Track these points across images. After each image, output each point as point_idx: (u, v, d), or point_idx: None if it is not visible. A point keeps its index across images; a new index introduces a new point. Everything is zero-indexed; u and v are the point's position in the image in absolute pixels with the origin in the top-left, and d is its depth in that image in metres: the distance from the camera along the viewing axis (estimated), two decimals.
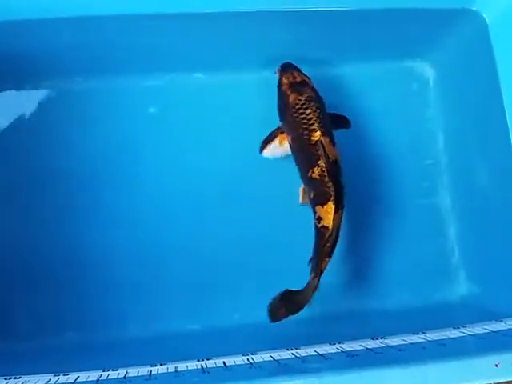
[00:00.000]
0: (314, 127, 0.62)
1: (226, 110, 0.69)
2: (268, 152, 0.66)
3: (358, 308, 0.66)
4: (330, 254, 0.60)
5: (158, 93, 0.69)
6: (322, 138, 0.61)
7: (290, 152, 0.65)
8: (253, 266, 0.66)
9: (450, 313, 0.67)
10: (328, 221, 0.59)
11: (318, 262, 0.59)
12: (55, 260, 0.64)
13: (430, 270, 0.68)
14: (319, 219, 0.60)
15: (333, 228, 0.59)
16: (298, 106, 0.63)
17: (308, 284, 0.59)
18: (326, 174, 0.60)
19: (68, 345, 0.62)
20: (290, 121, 0.64)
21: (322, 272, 0.59)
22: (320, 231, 0.60)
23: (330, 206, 0.60)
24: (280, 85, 0.65)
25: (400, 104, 0.72)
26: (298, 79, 0.65)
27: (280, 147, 0.65)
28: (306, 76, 0.66)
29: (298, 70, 0.66)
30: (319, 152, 0.61)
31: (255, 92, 0.69)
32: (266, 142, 0.66)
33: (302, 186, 0.64)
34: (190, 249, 0.66)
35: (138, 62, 0.67)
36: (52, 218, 0.65)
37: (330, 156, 0.61)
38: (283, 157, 0.66)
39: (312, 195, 0.62)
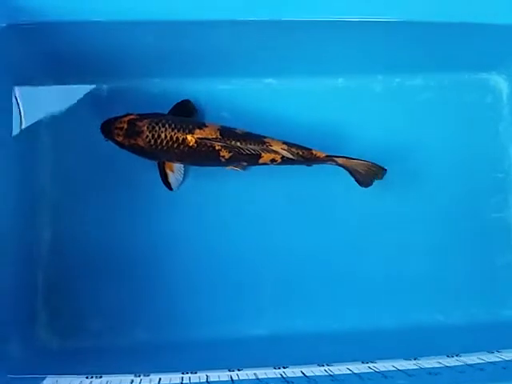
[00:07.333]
0: (181, 138, 0.61)
1: (297, 115, 0.69)
2: (174, 184, 0.65)
3: (423, 320, 0.66)
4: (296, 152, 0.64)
5: (231, 97, 0.69)
6: (196, 137, 0.62)
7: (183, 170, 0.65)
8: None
9: None
10: (273, 156, 0.63)
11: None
12: (127, 261, 0.65)
13: (498, 284, 0.68)
14: (273, 161, 0.64)
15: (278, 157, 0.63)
16: (152, 142, 0.61)
17: None
18: (233, 145, 0.62)
19: (140, 345, 0.63)
20: (163, 154, 0.63)
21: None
22: (290, 160, 0.64)
23: (267, 150, 0.63)
24: (121, 145, 0.63)
25: (473, 116, 0.71)
26: (125, 126, 0.62)
27: (174, 173, 0.65)
28: (124, 115, 0.63)
29: (114, 120, 0.62)
30: (208, 143, 0.62)
31: (327, 98, 0.69)
32: (165, 181, 0.65)
33: (229, 167, 0.65)
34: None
35: (212, 66, 0.68)
36: (126, 219, 0.66)
37: (214, 135, 0.62)
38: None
39: (245, 164, 0.64)
